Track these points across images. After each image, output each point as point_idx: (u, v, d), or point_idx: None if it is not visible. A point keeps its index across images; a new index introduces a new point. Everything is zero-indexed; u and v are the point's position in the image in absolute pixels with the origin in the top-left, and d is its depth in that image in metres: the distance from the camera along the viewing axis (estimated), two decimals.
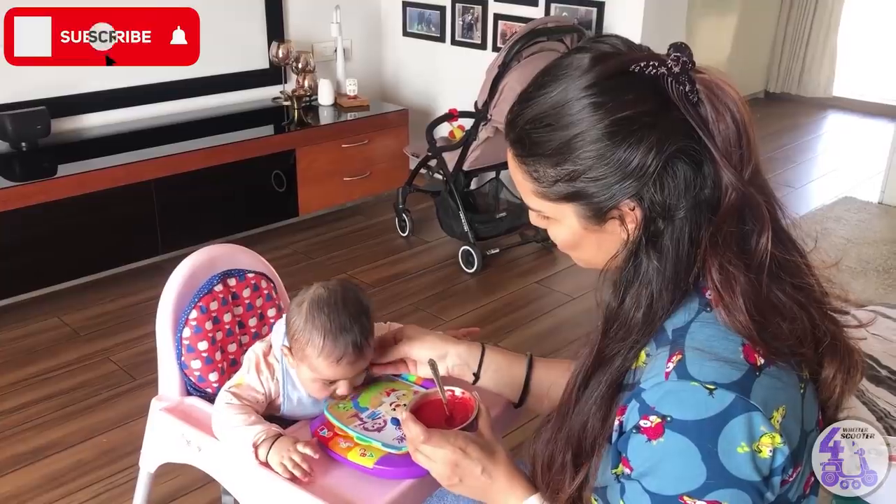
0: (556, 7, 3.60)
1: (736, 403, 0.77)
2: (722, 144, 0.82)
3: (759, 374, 0.79)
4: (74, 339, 2.83)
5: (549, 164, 0.86)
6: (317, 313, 1.19)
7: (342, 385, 1.23)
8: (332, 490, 1.12)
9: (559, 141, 0.84)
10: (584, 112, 0.83)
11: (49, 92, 3.21)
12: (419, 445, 1.01)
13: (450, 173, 3.39)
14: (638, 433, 0.80)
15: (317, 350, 1.19)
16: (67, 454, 2.23)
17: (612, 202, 0.84)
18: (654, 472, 0.80)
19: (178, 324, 1.36)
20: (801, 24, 6.32)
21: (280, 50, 3.77)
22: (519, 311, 3.11)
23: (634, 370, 0.87)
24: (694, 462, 0.77)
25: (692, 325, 0.83)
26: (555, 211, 0.89)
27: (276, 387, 1.27)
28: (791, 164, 4.98)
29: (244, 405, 1.23)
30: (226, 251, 1.46)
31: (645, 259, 0.85)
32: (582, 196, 0.85)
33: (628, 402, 0.83)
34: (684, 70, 0.82)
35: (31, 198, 2.85)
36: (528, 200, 0.92)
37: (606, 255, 0.90)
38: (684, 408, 0.78)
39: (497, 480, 0.99)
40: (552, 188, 0.87)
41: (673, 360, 0.80)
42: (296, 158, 3.54)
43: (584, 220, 0.88)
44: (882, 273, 3.40)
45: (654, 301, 0.85)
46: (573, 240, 0.91)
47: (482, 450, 1.00)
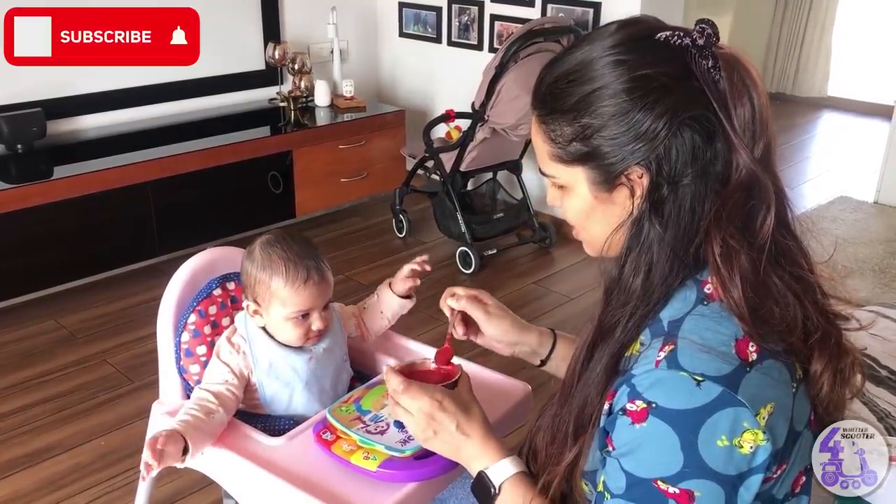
0: (552, 8, 3.59)
1: (722, 397, 0.78)
2: (737, 121, 0.83)
3: (750, 370, 0.80)
4: (71, 342, 2.82)
5: (566, 120, 0.88)
6: (271, 250, 1.26)
7: (315, 318, 1.27)
8: (334, 493, 1.12)
9: (579, 95, 0.87)
10: (605, 68, 0.85)
11: (45, 93, 3.20)
12: (399, 397, 1.03)
13: (447, 174, 3.39)
14: (623, 415, 0.82)
15: (282, 279, 1.24)
16: (65, 457, 2.23)
17: (623, 165, 0.86)
18: (633, 454, 0.82)
19: (177, 328, 1.35)
20: (795, 24, 6.33)
21: (276, 51, 3.76)
22: (517, 311, 3.02)
23: (629, 357, 0.88)
24: (672, 449, 0.79)
25: (687, 318, 0.84)
26: (568, 176, 0.91)
27: (245, 360, 1.28)
28: (786, 164, 4.99)
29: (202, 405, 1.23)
30: (225, 254, 1.45)
31: (647, 224, 0.86)
32: (595, 156, 0.87)
33: (619, 387, 0.85)
34: (708, 44, 0.84)
35: (26, 200, 2.84)
36: (544, 166, 0.94)
37: (612, 229, 0.92)
38: (670, 396, 0.79)
39: (471, 438, 1.01)
40: (567, 148, 0.89)
41: (665, 350, 0.82)
42: (292, 159, 3.54)
43: (594, 187, 0.89)
44: (878, 272, 3.41)
45: (653, 267, 0.86)
46: (585, 209, 0.92)
47: (458, 406, 1.02)
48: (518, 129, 3.24)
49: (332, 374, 1.34)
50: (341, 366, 1.37)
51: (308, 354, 1.30)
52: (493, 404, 1.28)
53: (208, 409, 1.22)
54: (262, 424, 1.28)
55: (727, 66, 0.84)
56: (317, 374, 1.31)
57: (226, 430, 1.26)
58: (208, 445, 1.22)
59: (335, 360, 1.35)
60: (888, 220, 4.04)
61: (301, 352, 1.30)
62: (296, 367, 1.29)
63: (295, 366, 1.29)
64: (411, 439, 1.12)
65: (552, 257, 3.55)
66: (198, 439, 1.18)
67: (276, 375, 1.29)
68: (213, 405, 1.23)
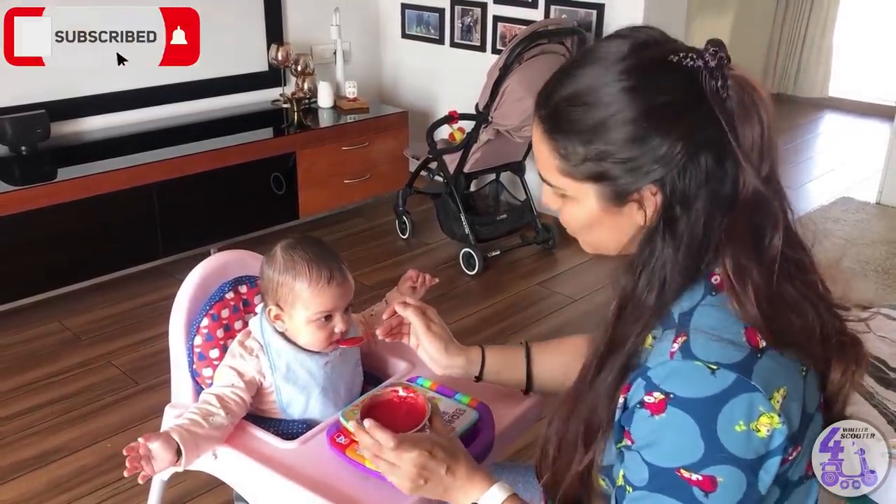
0: (555, 9, 3.60)
1: (737, 383, 0.80)
2: (744, 141, 0.84)
3: (761, 356, 0.82)
4: (76, 344, 2.82)
5: (579, 141, 0.87)
6: (293, 253, 1.27)
7: (338, 320, 1.27)
8: (348, 497, 1.12)
9: (593, 120, 0.86)
10: (621, 95, 0.85)
11: (48, 95, 3.21)
12: (384, 451, 1.02)
13: (450, 175, 3.40)
14: (641, 408, 0.84)
15: (306, 279, 1.24)
16: (72, 459, 2.23)
17: (636, 185, 0.87)
18: (654, 445, 0.83)
19: (190, 331, 1.35)
20: (797, 24, 6.34)
21: (279, 52, 3.76)
22: (520, 313, 3.11)
23: (640, 352, 0.90)
24: (692, 437, 0.80)
25: (697, 309, 0.86)
26: (576, 190, 0.91)
27: (257, 364, 1.28)
28: (788, 165, 4.99)
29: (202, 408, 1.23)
30: (237, 257, 1.45)
31: (660, 243, 0.87)
32: (607, 177, 0.87)
33: (633, 381, 0.86)
34: (720, 65, 0.84)
35: (30, 202, 2.84)
36: (549, 177, 0.93)
37: (618, 239, 0.93)
38: (687, 386, 0.81)
39: (459, 477, 1.02)
40: (579, 167, 0.88)
41: (678, 342, 0.84)
42: (296, 161, 3.54)
43: (603, 202, 0.90)
44: (881, 273, 3.41)
45: (667, 285, 0.87)
46: (588, 221, 0.93)
47: (446, 450, 1.03)
48: (522, 130, 3.25)
49: (347, 378, 1.34)
50: (354, 370, 1.37)
51: (325, 359, 1.31)
52: (502, 410, 1.29)
53: (207, 413, 1.22)
54: (276, 428, 1.29)
55: (737, 86, 0.85)
56: (332, 378, 1.31)
57: (238, 434, 1.26)
58: (208, 449, 1.22)
59: (350, 364, 1.35)
60: (891, 220, 4.04)
61: (318, 356, 1.30)
62: (313, 372, 1.29)
63: (312, 370, 1.29)
64: None
65: (556, 258, 3.56)
66: (191, 443, 1.17)
67: (294, 380, 1.29)
68: (215, 408, 1.23)
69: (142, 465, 1.12)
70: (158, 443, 1.14)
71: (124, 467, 1.12)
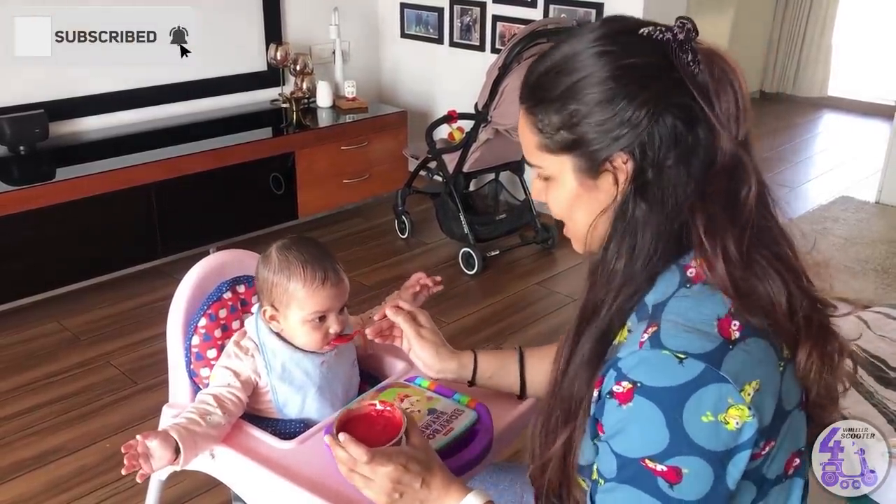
0: (554, 8, 3.60)
1: (705, 374, 0.79)
2: (720, 109, 0.87)
3: (732, 348, 0.82)
4: (75, 344, 2.82)
5: (553, 109, 0.91)
6: (287, 253, 1.27)
7: (332, 321, 1.27)
8: (346, 497, 1.12)
9: (565, 85, 0.90)
10: (591, 59, 0.89)
11: (47, 95, 3.20)
12: (358, 466, 1.01)
13: (450, 175, 3.39)
14: (611, 398, 0.84)
15: (300, 279, 1.25)
16: (71, 459, 2.23)
17: (608, 151, 0.88)
18: (621, 435, 0.83)
19: (187, 331, 1.35)
20: (795, 23, 6.34)
21: (278, 52, 3.76)
22: (520, 312, 3.11)
23: (617, 345, 0.90)
24: (658, 427, 0.80)
25: (671, 300, 0.86)
26: (555, 166, 0.93)
27: (253, 364, 1.28)
28: (787, 165, 4.99)
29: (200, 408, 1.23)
30: (234, 257, 1.45)
31: (631, 206, 0.89)
32: (581, 144, 0.90)
33: (606, 372, 0.86)
34: (688, 38, 0.88)
35: (29, 202, 2.84)
36: (531, 157, 0.97)
37: (597, 226, 0.94)
38: (654, 375, 0.81)
39: (434, 489, 1.01)
40: (555, 137, 0.91)
41: (649, 332, 0.84)
42: (295, 161, 3.54)
43: (580, 175, 0.92)
44: (881, 273, 3.41)
45: (637, 248, 0.89)
46: (570, 199, 0.94)
47: (420, 463, 1.02)
48: None
49: (343, 378, 1.34)
50: (351, 370, 1.37)
51: (321, 359, 1.30)
52: (501, 410, 1.28)
53: (205, 412, 1.22)
54: (273, 428, 1.28)
55: (706, 59, 0.87)
56: (329, 378, 1.31)
57: (236, 433, 1.26)
58: (205, 448, 1.22)
59: (346, 364, 1.35)
60: (890, 220, 4.04)
61: (314, 356, 1.30)
62: (309, 372, 1.29)
63: (308, 370, 1.29)
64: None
65: (555, 258, 3.56)
66: (189, 441, 1.17)
67: (290, 380, 1.29)
68: (212, 408, 1.23)
69: (140, 462, 1.12)
70: (157, 441, 1.14)
71: (123, 465, 1.12)
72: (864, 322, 2.59)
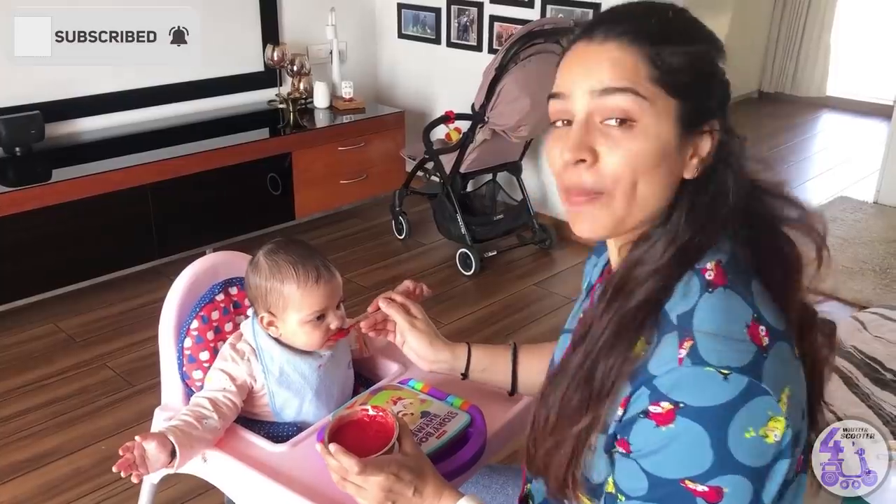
0: (551, 9, 3.59)
1: (749, 387, 0.77)
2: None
3: (767, 356, 0.79)
4: (71, 346, 2.81)
5: (683, 41, 0.86)
6: (276, 257, 1.26)
7: (332, 317, 1.27)
8: (339, 500, 1.11)
9: (692, 25, 0.90)
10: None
11: (43, 96, 3.20)
12: (350, 475, 1.00)
13: (447, 176, 3.39)
14: (645, 418, 0.79)
15: (294, 281, 1.24)
16: (66, 462, 2.22)
17: (711, 114, 0.86)
18: (657, 455, 0.80)
19: (179, 334, 1.34)
20: (794, 23, 6.34)
21: (275, 52, 3.75)
22: (517, 313, 3.10)
23: (636, 358, 0.83)
24: (702, 447, 0.77)
25: (696, 309, 0.82)
26: (660, 105, 0.83)
27: (248, 368, 1.27)
28: (785, 165, 4.99)
29: (195, 411, 1.22)
30: (227, 259, 1.44)
31: (711, 181, 0.86)
32: (699, 91, 0.85)
33: (634, 392, 0.82)
34: None
35: (25, 203, 2.83)
36: (625, 83, 0.83)
37: (663, 194, 0.86)
38: (698, 394, 0.77)
39: (427, 497, 1.01)
40: (674, 75, 0.83)
41: (685, 347, 0.79)
42: (292, 161, 3.53)
43: (679, 126, 0.84)
44: (879, 273, 3.40)
45: (694, 221, 0.86)
46: (659, 151, 0.83)
47: (412, 471, 1.01)
48: (518, 130, 3.24)
49: (339, 381, 1.34)
50: (346, 372, 1.36)
51: (318, 361, 1.30)
52: (495, 412, 1.28)
53: (201, 416, 1.21)
54: (266, 431, 1.28)
55: None
56: (325, 382, 1.30)
57: (229, 437, 1.25)
58: (200, 452, 1.22)
59: (342, 367, 1.35)
60: (888, 220, 4.03)
61: (311, 360, 1.29)
62: (306, 375, 1.28)
63: (305, 373, 1.28)
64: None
65: (552, 259, 3.55)
66: (185, 444, 1.17)
67: (288, 384, 1.28)
68: (208, 412, 1.22)
69: (136, 466, 1.11)
70: (155, 443, 1.13)
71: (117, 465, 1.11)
72: (861, 323, 2.59)
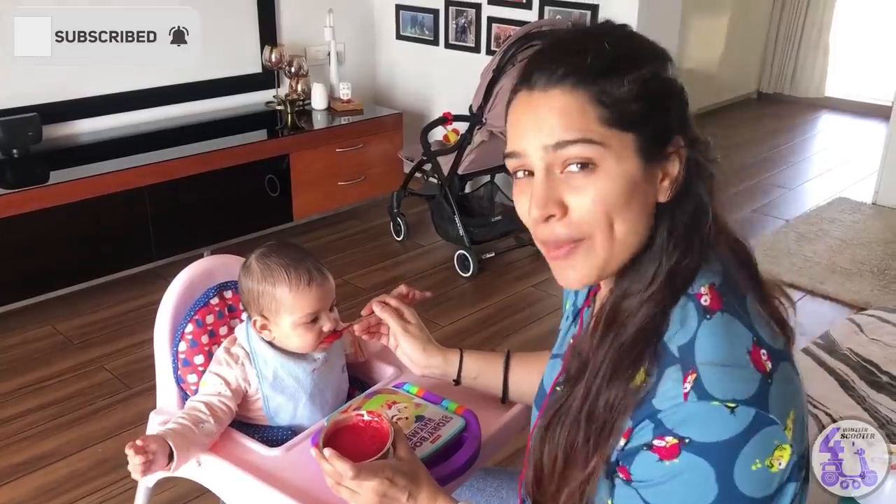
0: (549, 10, 3.59)
1: (757, 419, 0.76)
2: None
3: (771, 382, 0.78)
4: (68, 348, 2.81)
5: (617, 77, 0.81)
6: (267, 261, 1.26)
7: (325, 319, 1.27)
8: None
9: (624, 48, 0.85)
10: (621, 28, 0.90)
11: (41, 97, 3.20)
12: (345, 480, 0.99)
13: (445, 177, 3.39)
14: (648, 451, 0.78)
15: (286, 284, 1.24)
16: (63, 464, 2.22)
17: (672, 133, 0.83)
18: (659, 487, 0.78)
19: (174, 337, 1.34)
20: (793, 24, 6.34)
21: (273, 54, 3.75)
22: (515, 315, 3.10)
23: (635, 389, 0.81)
24: (706, 482, 0.76)
25: (697, 339, 0.80)
26: (617, 144, 0.80)
27: (243, 372, 1.27)
28: (784, 165, 4.99)
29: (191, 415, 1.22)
30: (222, 262, 1.44)
31: (692, 196, 0.84)
32: (652, 116, 0.81)
33: (637, 425, 0.80)
34: None
35: (22, 205, 2.83)
36: (588, 134, 0.80)
37: (644, 222, 0.83)
38: (704, 430, 0.76)
39: (421, 502, 1.00)
40: (626, 107, 0.80)
41: (689, 381, 0.77)
42: (290, 163, 3.53)
43: (642, 157, 0.81)
44: (877, 274, 3.40)
45: (678, 242, 0.84)
46: (628, 187, 0.80)
47: (407, 476, 1.00)
48: None
49: (334, 384, 1.33)
50: (341, 375, 1.36)
51: (312, 365, 1.29)
52: (489, 417, 1.27)
53: (197, 420, 1.21)
54: (260, 435, 1.27)
55: None
56: (320, 386, 1.30)
57: (223, 441, 1.25)
58: (196, 456, 1.21)
59: (336, 370, 1.34)
60: (887, 221, 4.03)
61: (305, 364, 1.29)
62: (300, 379, 1.28)
63: (299, 377, 1.28)
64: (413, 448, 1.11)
65: None
66: (183, 447, 1.16)
67: (282, 389, 1.28)
68: (204, 416, 1.22)
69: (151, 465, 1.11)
70: (155, 446, 1.13)
71: (120, 470, 1.11)
72: (858, 325, 2.58)
